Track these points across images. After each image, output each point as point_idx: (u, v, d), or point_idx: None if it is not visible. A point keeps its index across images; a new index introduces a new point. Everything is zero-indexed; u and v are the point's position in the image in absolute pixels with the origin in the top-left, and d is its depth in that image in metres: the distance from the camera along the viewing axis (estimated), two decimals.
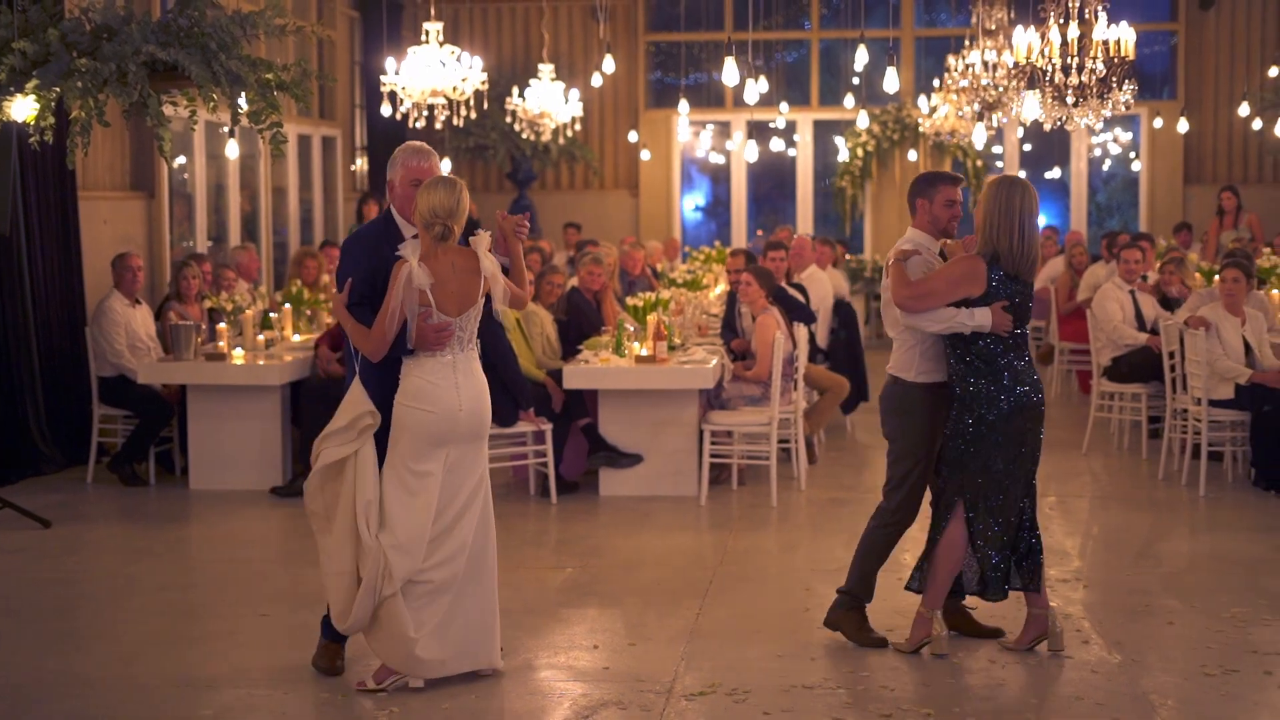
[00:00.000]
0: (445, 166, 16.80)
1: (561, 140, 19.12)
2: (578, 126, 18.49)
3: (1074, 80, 9.96)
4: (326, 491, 6.87)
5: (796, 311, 11.83)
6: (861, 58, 13.02)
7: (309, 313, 12.93)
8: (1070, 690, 6.84)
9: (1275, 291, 13.32)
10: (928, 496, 7.56)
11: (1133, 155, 23.26)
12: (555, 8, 21.46)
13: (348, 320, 6.82)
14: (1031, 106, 10.40)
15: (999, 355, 7.17)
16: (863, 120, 18.62)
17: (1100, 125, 10.50)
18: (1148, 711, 6.57)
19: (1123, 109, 10.09)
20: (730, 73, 11.11)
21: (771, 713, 6.54)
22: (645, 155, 22.34)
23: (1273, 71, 20.73)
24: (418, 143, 7.06)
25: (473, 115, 13.85)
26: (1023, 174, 22.43)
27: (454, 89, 13.11)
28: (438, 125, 13.69)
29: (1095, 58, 9.95)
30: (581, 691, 6.86)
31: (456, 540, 6.83)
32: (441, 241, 6.72)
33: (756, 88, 11.70)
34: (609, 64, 14.72)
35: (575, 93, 17.65)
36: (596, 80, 16.37)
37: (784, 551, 9.77)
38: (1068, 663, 7.20)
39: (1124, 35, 10.10)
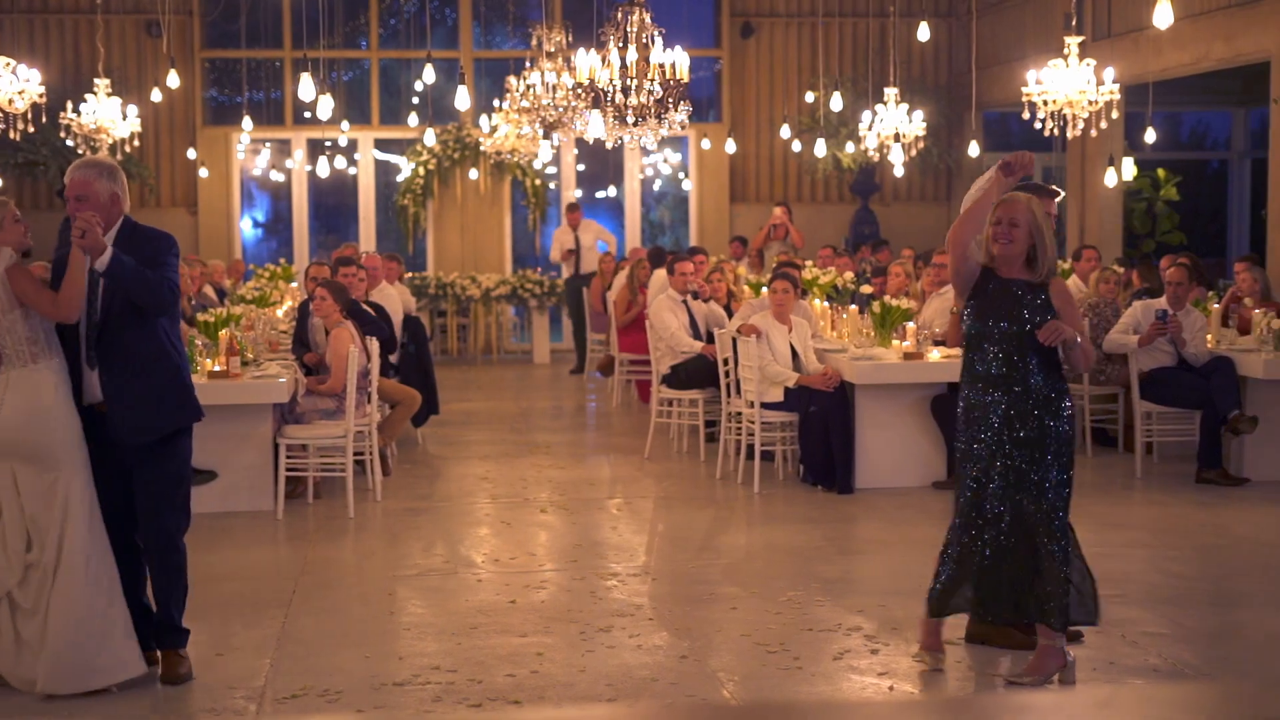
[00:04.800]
0: None
1: (119, 157, 18.69)
2: (136, 143, 18.14)
3: (634, 101, 10.52)
4: None
5: (370, 326, 12.00)
6: (429, 76, 13.32)
7: None
8: (646, 673, 7.26)
9: (818, 301, 14.25)
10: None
11: (682, 175, 24.29)
12: (108, 21, 20.97)
13: None
14: (596, 126, 10.89)
15: None
16: (429, 138, 18.92)
17: (654, 145, 11.10)
18: (716, 687, 7.05)
19: (679, 129, 10.71)
20: (307, 88, 11.23)
21: (365, 709, 6.73)
22: (204, 173, 22.05)
23: (809, 97, 22.06)
24: (91, 156, 7.12)
25: (31, 129, 13.49)
26: (578, 193, 23.43)
27: (9, 102, 12.75)
28: None
29: (653, 80, 10.54)
30: (176, 699, 6.89)
31: (38, 565, 6.82)
32: None
33: (329, 104, 11.83)
34: (174, 79, 14.55)
35: (134, 109, 17.33)
36: (157, 95, 16.11)
37: (363, 560, 9.92)
38: (642, 648, 7.63)
39: (679, 59, 10.73)
